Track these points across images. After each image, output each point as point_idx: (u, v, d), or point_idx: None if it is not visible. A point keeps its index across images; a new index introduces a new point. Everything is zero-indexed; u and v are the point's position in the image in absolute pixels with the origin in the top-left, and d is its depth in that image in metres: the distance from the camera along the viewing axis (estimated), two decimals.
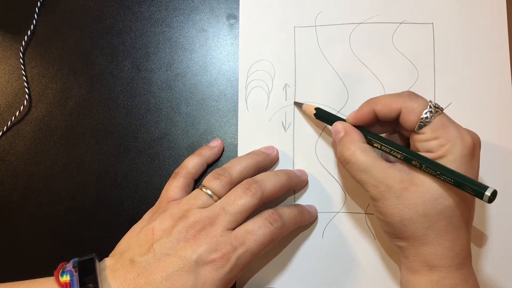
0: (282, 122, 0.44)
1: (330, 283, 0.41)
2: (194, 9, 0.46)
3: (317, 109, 0.41)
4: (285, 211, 0.38)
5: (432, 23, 0.43)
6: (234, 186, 0.38)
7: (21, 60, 0.46)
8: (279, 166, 0.43)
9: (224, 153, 0.44)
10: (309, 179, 0.43)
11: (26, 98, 0.46)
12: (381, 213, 0.35)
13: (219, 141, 0.43)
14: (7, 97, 0.46)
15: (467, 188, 0.31)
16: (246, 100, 0.44)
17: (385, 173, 0.34)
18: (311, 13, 0.44)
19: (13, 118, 0.45)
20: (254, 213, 0.37)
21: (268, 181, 0.38)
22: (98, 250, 0.37)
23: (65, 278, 0.33)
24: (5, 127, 0.46)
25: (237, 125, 0.44)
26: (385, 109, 0.35)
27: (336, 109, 0.43)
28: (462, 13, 0.43)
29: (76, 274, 0.33)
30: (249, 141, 0.44)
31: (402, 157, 0.34)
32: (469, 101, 0.42)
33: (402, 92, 0.35)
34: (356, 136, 0.36)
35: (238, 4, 0.45)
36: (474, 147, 0.33)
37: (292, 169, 0.43)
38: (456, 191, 0.33)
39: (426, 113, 0.33)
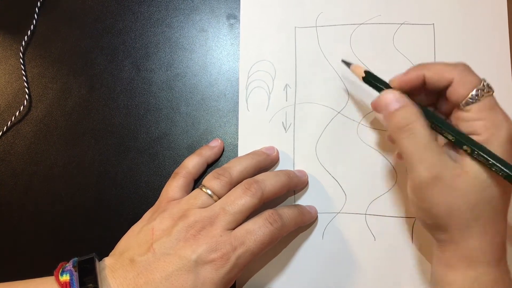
0: (282, 122, 0.43)
1: (330, 284, 0.41)
2: (194, 9, 0.46)
3: (366, 72, 0.37)
4: (285, 212, 0.38)
5: (433, 24, 0.43)
6: (234, 186, 0.38)
7: (21, 60, 0.46)
8: (280, 167, 0.43)
9: (224, 153, 0.44)
10: (309, 179, 0.43)
11: (26, 98, 0.46)
12: (427, 201, 0.32)
13: (219, 141, 0.43)
14: (7, 97, 0.46)
15: None
16: (246, 100, 0.44)
17: (440, 156, 0.31)
18: (311, 13, 0.44)
19: (13, 118, 0.45)
20: (254, 213, 0.37)
21: (268, 181, 0.38)
22: (98, 250, 0.37)
23: (65, 278, 0.33)
24: (5, 127, 0.46)
25: (237, 125, 0.44)
26: (437, 76, 0.33)
27: (336, 109, 0.43)
28: (463, 14, 0.43)
29: (76, 274, 0.33)
30: (249, 142, 0.44)
31: (453, 139, 0.32)
32: None
33: (457, 63, 0.33)
34: (417, 109, 0.33)
35: (239, 4, 0.45)
36: None
37: (292, 169, 0.43)
38: (499, 181, 0.31)
39: (477, 90, 0.31)
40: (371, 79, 0.36)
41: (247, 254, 0.35)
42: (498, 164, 0.30)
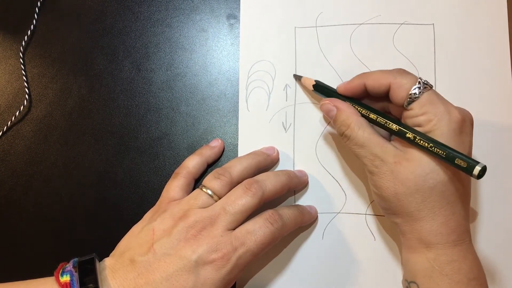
0: (282, 122, 0.44)
1: (330, 284, 0.41)
2: (194, 9, 0.46)
3: (316, 81, 0.41)
4: (285, 212, 0.38)
5: (433, 24, 0.43)
6: (234, 186, 0.38)
7: (21, 60, 0.46)
8: (280, 167, 0.43)
9: (224, 153, 0.44)
10: (309, 179, 0.43)
11: (26, 98, 0.46)
12: (377, 187, 0.36)
13: (220, 141, 0.43)
14: (7, 97, 0.46)
15: (458, 161, 0.31)
16: (246, 100, 0.44)
17: (381, 148, 0.35)
18: (311, 13, 0.44)
19: (13, 118, 0.45)
20: (255, 214, 0.37)
21: (269, 181, 0.38)
22: (98, 250, 0.37)
23: (65, 278, 0.33)
24: (5, 127, 0.45)
25: (237, 125, 0.44)
26: (375, 83, 0.36)
27: None
28: (463, 14, 0.43)
29: (76, 274, 0.33)
30: (249, 142, 0.44)
31: (397, 129, 0.35)
32: (469, 101, 0.42)
33: (393, 69, 0.37)
34: (351, 110, 0.37)
35: (239, 4, 0.45)
36: (462, 123, 0.34)
37: (292, 169, 0.43)
38: (447, 166, 0.33)
39: (414, 89, 0.34)
40: (321, 88, 0.41)
41: (248, 254, 0.35)
42: (437, 146, 0.32)
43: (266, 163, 0.41)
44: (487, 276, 0.35)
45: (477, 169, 0.31)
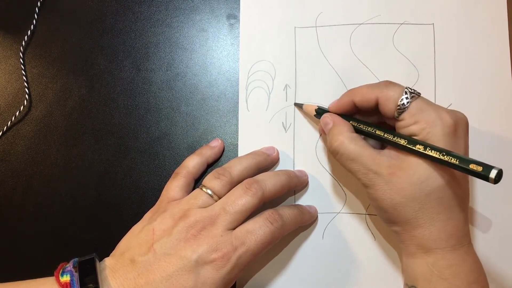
0: (282, 122, 0.44)
1: (330, 284, 0.41)
2: (194, 9, 0.46)
3: (317, 109, 0.41)
4: (286, 211, 0.38)
5: (433, 24, 0.43)
6: (234, 186, 0.38)
7: (21, 60, 0.46)
8: (280, 167, 0.43)
9: (224, 153, 0.44)
10: (309, 179, 0.43)
11: (26, 98, 0.46)
12: (373, 199, 0.35)
13: (220, 141, 0.43)
14: (7, 97, 0.46)
15: (472, 167, 0.30)
16: (246, 101, 0.44)
17: (374, 160, 0.35)
18: (311, 13, 0.44)
19: (13, 118, 0.45)
20: (255, 213, 0.37)
21: (269, 181, 0.38)
22: (98, 250, 0.37)
23: (65, 278, 0.33)
24: (5, 127, 0.46)
25: (237, 125, 0.44)
26: (363, 99, 0.36)
27: None
28: (463, 14, 0.43)
29: (76, 274, 0.33)
30: (249, 142, 0.44)
31: (405, 143, 0.34)
32: (469, 101, 0.42)
33: (379, 82, 0.37)
34: (344, 127, 0.37)
35: (239, 4, 0.45)
36: (455, 126, 0.33)
37: (292, 169, 0.43)
38: (444, 171, 0.33)
39: (402, 99, 0.34)
40: (323, 113, 0.40)
41: (248, 254, 0.35)
42: (451, 155, 0.31)
43: (266, 163, 0.41)
44: (487, 277, 0.35)
45: (493, 172, 0.30)
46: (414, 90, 0.34)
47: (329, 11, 0.44)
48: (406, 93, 0.34)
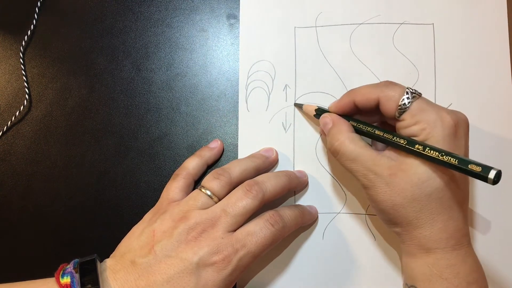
0: (282, 122, 0.44)
1: (330, 284, 0.41)
2: (194, 9, 0.46)
3: (317, 109, 0.41)
4: (286, 212, 0.38)
5: (433, 23, 0.43)
6: (233, 187, 0.38)
7: (21, 60, 0.46)
8: (279, 167, 0.43)
9: (224, 153, 0.44)
10: (309, 180, 0.43)
11: (26, 98, 0.46)
12: (373, 200, 0.35)
13: (219, 142, 0.43)
14: (7, 97, 0.46)
15: (471, 167, 0.31)
16: (246, 101, 0.44)
17: (373, 161, 0.35)
18: (311, 13, 0.44)
19: (13, 118, 0.45)
20: (255, 214, 0.37)
21: (269, 183, 0.38)
22: (98, 250, 0.37)
23: (66, 280, 0.33)
24: (5, 127, 0.46)
25: (237, 125, 0.44)
26: (364, 99, 0.36)
27: None
28: (463, 14, 0.43)
29: (76, 276, 0.33)
30: (249, 142, 0.44)
31: (404, 143, 0.34)
32: (469, 101, 0.42)
33: (380, 82, 0.36)
34: (344, 126, 0.37)
35: (238, 4, 0.45)
36: (456, 127, 0.33)
37: (292, 170, 0.43)
38: (444, 172, 0.33)
39: (403, 99, 0.34)
40: (322, 114, 0.40)
41: (249, 256, 0.35)
42: (451, 155, 0.31)
43: (265, 165, 0.41)
44: (486, 278, 0.35)
45: (492, 173, 0.30)
46: (415, 90, 0.34)
47: (329, 11, 0.44)
48: (407, 93, 0.34)
